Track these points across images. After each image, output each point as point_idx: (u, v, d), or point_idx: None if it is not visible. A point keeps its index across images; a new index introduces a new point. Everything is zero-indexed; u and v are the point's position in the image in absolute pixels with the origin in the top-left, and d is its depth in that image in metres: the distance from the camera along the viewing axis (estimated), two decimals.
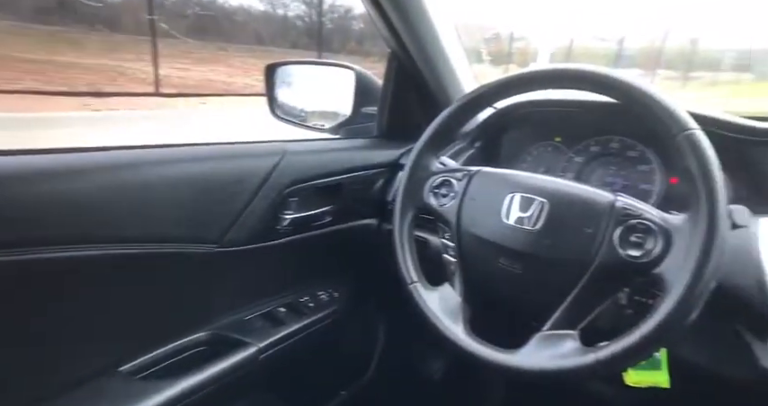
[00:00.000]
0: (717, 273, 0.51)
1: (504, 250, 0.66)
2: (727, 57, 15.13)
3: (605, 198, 0.61)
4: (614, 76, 0.61)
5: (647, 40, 15.44)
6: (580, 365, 0.54)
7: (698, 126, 0.55)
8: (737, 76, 14.70)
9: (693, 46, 14.24)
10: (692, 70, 14.33)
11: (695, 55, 14.51)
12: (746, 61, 15.47)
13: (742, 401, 0.72)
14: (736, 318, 0.65)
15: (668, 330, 0.51)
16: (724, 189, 0.52)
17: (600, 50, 15.19)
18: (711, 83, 13.88)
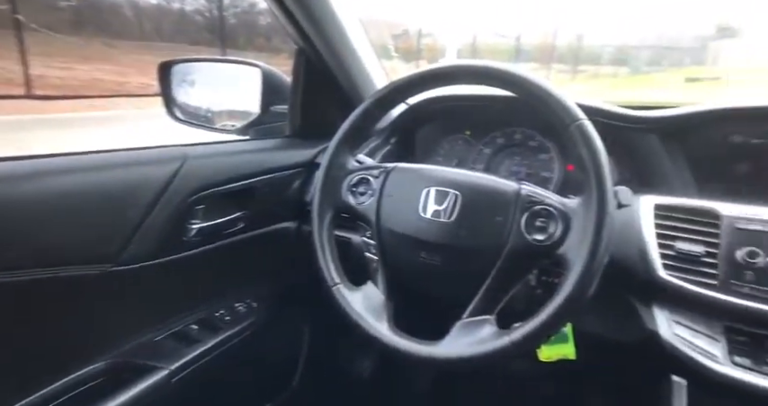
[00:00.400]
0: (609, 249, 0.56)
1: (424, 243, 0.67)
2: (606, 53, 17.00)
3: (511, 187, 0.65)
4: (513, 72, 0.64)
5: (540, 37, 16.78)
6: (497, 348, 0.57)
7: (586, 116, 0.60)
8: (616, 70, 16.60)
9: (579, 42, 15.76)
10: (579, 64, 15.85)
11: (581, 50, 16.07)
12: (623, 56, 17.51)
13: (634, 361, 0.80)
14: (625, 287, 0.72)
15: (573, 304, 0.55)
16: (610, 174, 0.57)
17: (501, 46, 16.22)
18: (594, 76, 15.52)
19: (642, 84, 14.29)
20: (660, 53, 20.30)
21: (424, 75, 0.71)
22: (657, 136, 0.85)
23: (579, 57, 15.90)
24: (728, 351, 0.64)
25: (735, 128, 0.82)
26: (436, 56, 11.37)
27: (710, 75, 14.84)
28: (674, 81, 14.44)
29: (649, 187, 0.83)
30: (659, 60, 19.96)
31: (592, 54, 16.82)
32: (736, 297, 0.62)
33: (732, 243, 0.64)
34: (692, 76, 14.68)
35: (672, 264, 0.67)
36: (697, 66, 20.70)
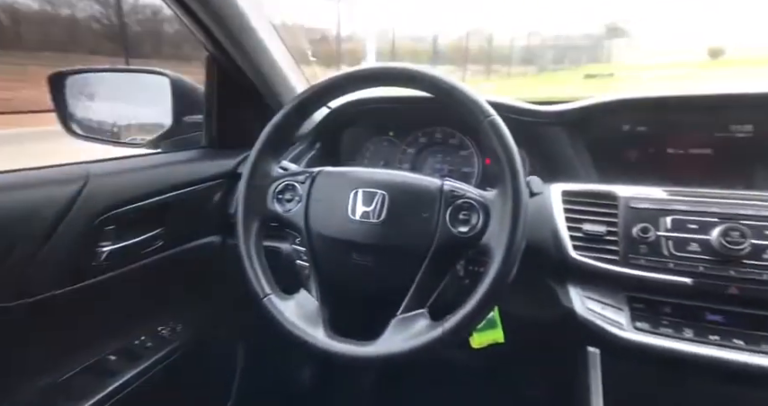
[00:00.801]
0: (525, 234, 0.60)
1: (355, 245, 0.67)
2: (514, 53, 18.22)
3: (435, 183, 0.67)
4: (429, 73, 0.66)
5: (455, 39, 17.58)
6: (431, 339, 0.59)
7: (496, 112, 0.63)
8: (525, 69, 17.86)
9: (489, 43, 16.75)
10: (492, 64, 16.83)
11: (492, 51, 17.08)
12: (530, 56, 18.88)
13: (555, 337, 0.86)
14: (543, 269, 0.78)
15: (497, 289, 0.58)
16: (522, 165, 0.61)
17: (419, 49, 16.77)
18: (507, 75, 16.58)
19: (548, 81, 15.51)
20: (561, 52, 22.18)
21: (344, 78, 0.71)
22: (562, 129, 0.92)
23: (491, 58, 16.87)
24: (631, 318, 0.71)
25: (624, 118, 0.92)
26: (357, 60, 11.47)
27: (605, 72, 16.52)
28: (575, 77, 15.86)
29: (557, 175, 0.90)
30: (562, 59, 21.81)
31: (502, 54, 17.94)
32: (634, 269, 0.70)
33: (628, 222, 0.72)
34: (590, 73, 16.25)
35: (580, 245, 0.74)
36: (594, 64, 22.92)
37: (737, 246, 0.64)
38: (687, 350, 0.67)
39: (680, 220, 0.69)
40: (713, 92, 0.85)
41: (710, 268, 0.66)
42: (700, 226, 0.67)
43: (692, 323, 0.68)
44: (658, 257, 0.69)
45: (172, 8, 0.87)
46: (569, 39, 23.24)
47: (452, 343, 0.59)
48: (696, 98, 0.86)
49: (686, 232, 0.68)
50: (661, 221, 0.70)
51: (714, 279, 0.65)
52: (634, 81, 13.51)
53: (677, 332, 0.68)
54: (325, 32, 13.39)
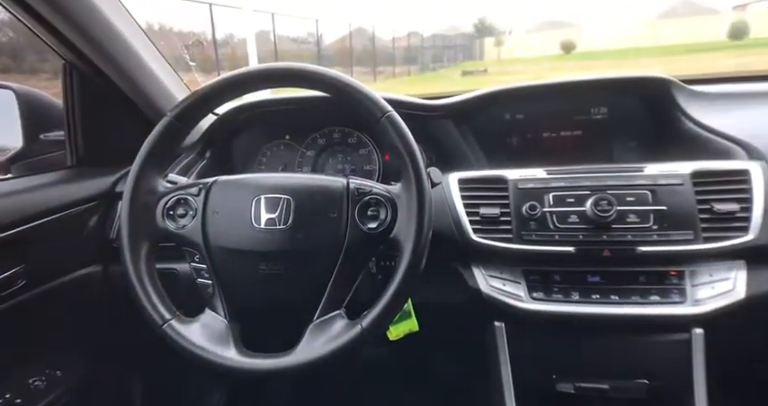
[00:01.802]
0: (431, 224, 0.62)
1: (263, 255, 0.64)
2: (397, 53, 18.93)
3: (339, 182, 0.66)
4: (322, 72, 0.65)
5: (337, 39, 17.68)
6: (351, 338, 0.58)
7: (392, 108, 0.64)
8: (408, 68, 18.67)
9: (373, 44, 17.16)
10: (377, 65, 17.28)
11: (376, 52, 17.53)
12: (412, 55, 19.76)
13: (465, 318, 0.91)
14: (448, 254, 0.82)
15: (410, 281, 0.59)
16: (421, 158, 0.63)
17: (303, 52, 16.56)
18: (392, 75, 17.17)
19: (430, 79, 16.43)
20: (440, 51, 23.62)
21: (228, 82, 0.67)
22: (450, 121, 0.98)
23: (376, 59, 17.32)
24: (528, 290, 0.78)
25: (504, 108, 1.00)
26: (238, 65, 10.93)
27: (480, 68, 18.01)
28: (454, 74, 17.04)
29: (451, 165, 0.95)
30: (440, 57, 23.22)
31: (386, 55, 18.52)
32: (526, 245, 0.76)
33: (518, 201, 0.78)
34: (467, 70, 17.60)
35: (479, 227, 0.79)
36: (469, 61, 24.84)
37: (606, 213, 0.73)
38: (575, 311, 0.75)
39: (560, 196, 0.77)
40: (571, 79, 0.97)
41: (587, 235, 0.74)
42: (576, 199, 0.76)
43: (578, 286, 0.76)
44: (546, 231, 0.76)
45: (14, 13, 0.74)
46: (446, 39, 24.85)
47: (373, 339, 0.60)
48: (557, 85, 0.97)
49: (566, 206, 0.76)
50: (545, 198, 0.77)
51: (591, 245, 0.74)
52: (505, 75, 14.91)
53: (566, 296, 0.76)
54: (199, 36, 12.56)
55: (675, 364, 0.76)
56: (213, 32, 11.20)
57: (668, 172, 0.75)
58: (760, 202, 0.71)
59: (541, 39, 28.44)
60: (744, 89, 0.96)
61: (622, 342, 0.78)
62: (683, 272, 0.74)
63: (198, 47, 13.92)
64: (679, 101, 0.88)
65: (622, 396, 0.78)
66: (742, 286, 0.72)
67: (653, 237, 0.72)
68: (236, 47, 13.27)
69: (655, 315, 0.73)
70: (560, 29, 36.55)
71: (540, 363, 0.81)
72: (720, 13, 32.37)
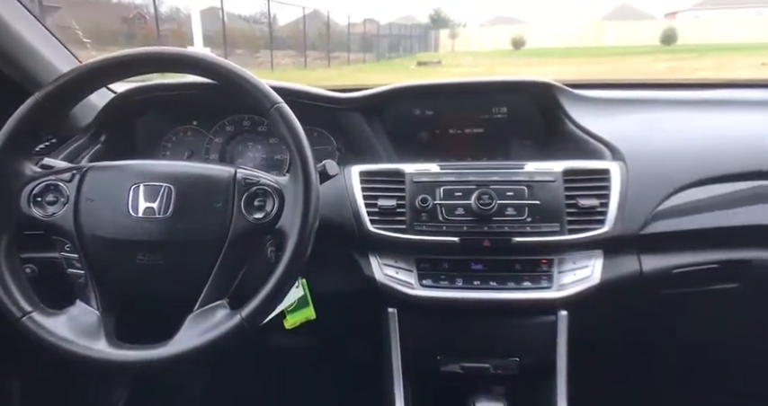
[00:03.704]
0: (318, 215, 0.64)
1: (140, 244, 0.63)
2: (352, 40, 18.68)
3: (226, 172, 0.67)
4: (209, 59, 0.65)
5: (292, 23, 17.14)
6: (230, 327, 0.59)
7: (282, 100, 0.65)
8: (364, 56, 18.49)
9: (328, 29, 16.79)
10: (332, 51, 16.96)
11: (331, 38, 17.19)
12: (368, 43, 19.57)
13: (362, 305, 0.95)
14: (348, 244, 0.85)
15: (293, 270, 0.62)
16: (310, 150, 0.65)
17: (255, 32, 15.93)
18: (347, 62, 16.95)
19: (385, 68, 16.39)
20: (396, 40, 23.54)
21: (110, 63, 0.64)
22: (360, 114, 1.00)
23: (331, 45, 17.00)
24: (418, 277, 0.83)
25: (415, 104, 1.04)
26: (183, 43, 10.30)
27: (435, 59, 18.17)
28: (409, 64, 17.09)
29: (361, 157, 0.98)
30: (397, 47, 23.16)
31: (341, 41, 18.22)
32: (418, 235, 0.81)
33: (413, 194, 0.82)
34: (422, 60, 17.70)
35: (376, 218, 0.82)
36: (425, 52, 24.98)
37: (487, 207, 0.79)
38: (459, 296, 0.81)
39: (449, 189, 0.82)
40: (472, 79, 1.02)
41: (471, 226, 0.80)
42: (463, 193, 0.81)
43: (462, 274, 0.82)
44: (435, 222, 0.81)
45: None
46: (402, 28, 24.80)
47: (255, 327, 0.61)
48: (463, 84, 1.02)
49: (454, 199, 0.81)
50: (436, 191, 0.82)
51: (473, 236, 0.80)
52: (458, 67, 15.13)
53: (452, 283, 0.82)
54: (141, 10, 11.74)
55: (543, 342, 0.84)
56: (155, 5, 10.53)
57: (543, 170, 0.82)
58: (615, 198, 0.79)
59: (493, 33, 29.09)
60: (622, 95, 1.05)
61: (500, 324, 0.86)
62: (552, 260, 0.82)
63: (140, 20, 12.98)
64: (563, 104, 0.95)
65: (500, 373, 0.85)
66: (598, 272, 0.81)
67: (526, 229, 0.79)
68: (182, 22, 12.54)
69: (527, 299, 0.80)
70: (511, 25, 37.53)
71: (427, 346, 0.87)
72: (655, 19, 34.61)
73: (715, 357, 1.11)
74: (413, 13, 41.92)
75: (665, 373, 1.14)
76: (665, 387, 1.16)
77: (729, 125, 0.95)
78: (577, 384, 0.84)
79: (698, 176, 0.82)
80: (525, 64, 14.92)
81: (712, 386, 1.13)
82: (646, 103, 1.03)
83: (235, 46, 14.14)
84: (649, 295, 0.87)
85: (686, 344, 1.09)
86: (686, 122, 0.97)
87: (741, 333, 1.05)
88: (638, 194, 0.80)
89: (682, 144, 0.89)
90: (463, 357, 0.86)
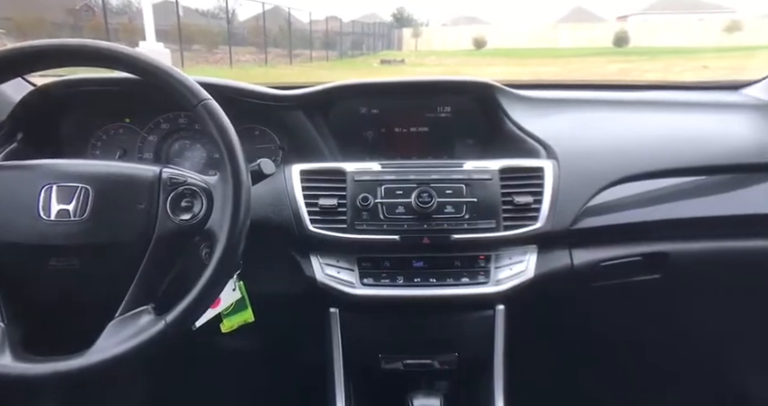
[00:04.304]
0: (249, 215, 0.62)
1: (53, 249, 0.60)
2: (315, 38, 18.48)
3: (150, 171, 0.64)
4: (129, 53, 0.61)
5: (252, 19, 16.74)
6: (154, 333, 0.57)
7: (209, 96, 0.63)
8: (326, 54, 18.33)
9: (289, 25, 16.51)
10: (294, 48, 16.70)
11: (293, 35, 16.92)
12: (331, 41, 19.41)
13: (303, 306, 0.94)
14: (288, 245, 0.84)
15: (222, 273, 0.60)
16: (241, 148, 0.63)
17: (214, 27, 15.48)
18: (309, 59, 16.75)
19: (348, 66, 16.33)
20: (359, 38, 23.48)
21: (15, 54, 0.60)
22: (303, 112, 0.98)
23: (293, 42, 16.74)
24: (360, 276, 0.83)
25: (361, 102, 1.03)
26: (134, 38, 9.82)
27: (398, 58, 18.27)
28: (372, 62, 17.10)
29: (305, 156, 0.96)
30: (360, 45, 23.11)
31: (302, 38, 17.98)
32: (359, 234, 0.80)
33: (354, 193, 0.82)
34: (386, 59, 17.75)
35: (317, 218, 0.81)
36: (388, 51, 25.06)
37: (427, 205, 0.79)
38: (400, 294, 0.82)
39: (390, 188, 0.82)
40: (419, 79, 1.03)
41: (411, 224, 0.80)
42: (403, 192, 0.81)
43: (403, 272, 0.83)
44: (376, 221, 0.81)
45: None
46: (365, 26, 24.76)
47: (181, 332, 0.59)
48: (406, 83, 1.02)
49: (394, 197, 0.81)
50: (378, 190, 0.82)
51: (413, 233, 0.80)
52: (421, 66, 15.26)
53: (393, 281, 0.82)
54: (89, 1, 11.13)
55: (482, 336, 0.86)
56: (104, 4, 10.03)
57: (481, 168, 0.84)
58: (548, 195, 0.81)
59: (456, 33, 29.56)
60: (560, 95, 1.08)
61: (440, 320, 0.87)
62: (490, 256, 0.83)
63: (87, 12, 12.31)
64: (502, 104, 0.97)
65: (441, 368, 0.86)
66: (532, 266, 0.83)
67: (464, 226, 0.80)
68: (134, 16, 12.00)
69: (465, 295, 0.82)
70: (472, 25, 38.27)
71: (369, 345, 0.87)
72: (608, 22, 36.18)
73: (642, 345, 1.17)
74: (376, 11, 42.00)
75: (598, 362, 1.20)
76: (598, 376, 1.22)
77: (656, 124, 1.00)
78: (515, 376, 0.86)
79: (624, 174, 0.86)
80: (486, 64, 15.24)
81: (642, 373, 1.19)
82: (581, 103, 1.07)
83: (191, 41, 13.71)
84: (579, 288, 0.90)
85: (615, 334, 1.14)
86: (616, 122, 1.01)
87: (664, 322, 1.11)
88: (569, 191, 0.83)
89: (610, 142, 0.93)
90: (405, 354, 0.87)
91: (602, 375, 1.22)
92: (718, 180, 0.94)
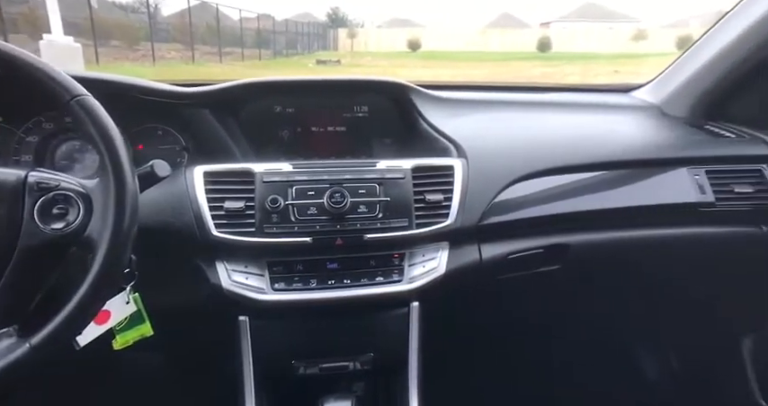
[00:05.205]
0: (135, 222, 0.57)
1: None
2: (247, 36, 17.86)
3: (13, 175, 0.56)
4: None
5: (177, 14, 15.82)
6: (11, 360, 0.50)
7: (86, 92, 0.57)
8: (259, 52, 17.78)
9: (218, 22, 15.79)
10: (225, 46, 16.02)
11: (223, 32, 16.22)
12: (264, 39, 18.85)
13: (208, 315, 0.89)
14: (190, 251, 0.79)
15: (102, 286, 0.54)
16: (125, 149, 0.57)
17: (134, 22, 14.46)
18: (241, 58, 16.15)
19: (283, 66, 15.99)
20: (294, 38, 23.05)
21: None
22: (209, 111, 0.93)
23: (223, 40, 16.06)
24: (270, 281, 0.79)
25: (275, 100, 0.99)
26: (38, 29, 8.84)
27: (334, 58, 18.16)
28: (307, 62, 16.87)
29: (214, 157, 0.91)
30: (294, 44, 22.69)
31: (233, 36, 17.30)
32: (268, 237, 0.77)
33: (262, 195, 0.78)
34: (322, 59, 17.58)
35: (222, 222, 0.77)
36: (324, 51, 24.86)
37: (340, 205, 0.78)
38: (313, 297, 0.79)
39: (301, 189, 0.80)
40: (334, 78, 1.01)
41: (324, 225, 0.78)
42: (315, 192, 0.79)
43: (317, 274, 0.80)
44: (287, 223, 0.78)
45: None
46: (299, 26, 24.35)
47: (50, 355, 0.53)
48: (318, 82, 1.00)
49: (306, 198, 0.79)
50: (288, 191, 0.79)
51: (326, 235, 0.79)
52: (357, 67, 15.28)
53: (306, 284, 0.80)
54: None
55: (398, 335, 0.86)
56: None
57: (394, 167, 0.84)
58: (458, 193, 0.83)
59: (390, 35, 29.97)
60: (472, 96, 1.12)
61: (355, 321, 0.86)
62: (404, 254, 0.83)
63: None
64: (416, 104, 0.98)
65: (358, 370, 0.85)
66: (444, 262, 0.84)
67: (377, 225, 0.80)
68: (37, 5, 10.85)
69: (380, 294, 0.81)
70: (407, 27, 39.01)
71: (281, 351, 0.84)
72: (532, 28, 38.50)
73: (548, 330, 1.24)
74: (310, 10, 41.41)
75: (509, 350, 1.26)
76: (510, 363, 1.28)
77: (557, 124, 1.06)
78: (431, 371, 0.87)
79: (527, 171, 0.90)
80: (421, 65, 15.59)
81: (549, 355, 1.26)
82: (491, 104, 1.11)
83: (109, 37, 12.73)
84: (487, 281, 0.94)
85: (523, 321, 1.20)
86: (522, 122, 1.06)
87: (566, 307, 1.18)
88: (477, 188, 0.85)
89: (516, 141, 0.97)
90: (320, 358, 0.85)
91: (514, 363, 1.28)
92: (612, 176, 1.01)
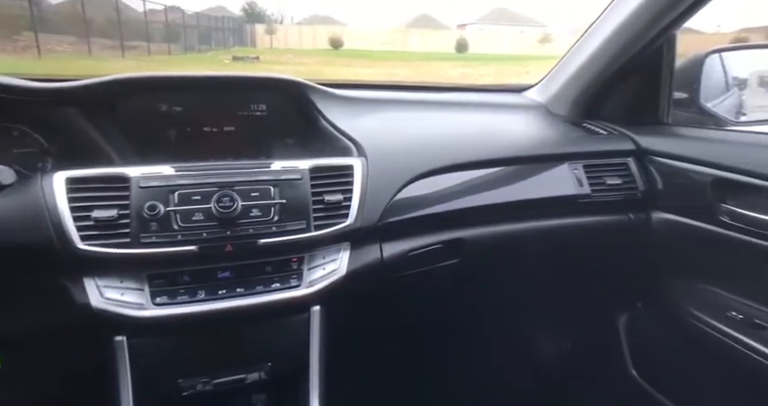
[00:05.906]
0: None
1: None
2: (154, 29, 16.54)
3: None
4: None
5: (68, 2, 14.15)
6: None
7: None
8: (168, 47, 16.56)
9: (117, 13, 14.39)
10: (129, 40, 14.66)
11: (126, 25, 14.84)
12: (173, 33, 17.58)
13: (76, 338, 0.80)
14: (49, 269, 0.69)
15: None
16: None
17: (15, 10, 12.71)
18: (147, 52, 14.93)
19: (196, 62, 15.08)
20: (207, 32, 21.79)
21: None
22: (77, 109, 0.83)
23: (127, 33, 14.69)
24: (150, 296, 0.72)
25: (159, 98, 0.91)
26: None
27: (252, 55, 17.43)
28: (223, 59, 16.04)
29: (85, 161, 0.81)
30: (208, 39, 21.45)
31: (138, 29, 15.92)
32: (146, 248, 0.70)
33: (139, 201, 0.71)
34: (238, 55, 16.77)
35: (90, 233, 0.68)
36: (240, 47, 23.81)
37: (229, 209, 0.73)
38: (201, 310, 0.74)
39: (185, 194, 0.74)
40: (223, 74, 0.94)
41: (212, 232, 0.73)
42: (202, 197, 0.74)
43: (205, 285, 0.75)
44: (168, 231, 0.71)
45: None
46: (212, 20, 23.08)
47: None
48: (205, 79, 0.93)
49: (191, 203, 0.73)
50: (170, 197, 0.73)
51: (215, 242, 0.73)
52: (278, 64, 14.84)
53: (192, 297, 0.74)
54: None
55: (298, 341, 0.84)
56: None
57: (290, 168, 0.80)
58: (357, 193, 0.82)
59: (311, 32, 29.49)
60: (374, 95, 1.12)
61: (250, 331, 0.82)
62: (303, 258, 0.81)
63: None
64: (316, 103, 0.96)
65: (256, 381, 0.81)
66: (345, 264, 0.83)
67: (272, 229, 0.76)
68: None
69: (276, 301, 0.78)
70: (327, 24, 38.62)
71: (166, 370, 0.78)
72: (450, 29, 40.09)
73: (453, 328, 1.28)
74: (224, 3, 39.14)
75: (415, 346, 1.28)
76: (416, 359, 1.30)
77: (454, 123, 1.10)
78: (334, 375, 0.85)
79: (425, 169, 0.91)
80: (344, 64, 15.53)
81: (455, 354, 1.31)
82: (392, 103, 1.11)
83: None
84: (390, 279, 0.94)
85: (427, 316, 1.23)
86: (421, 120, 1.08)
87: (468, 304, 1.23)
88: (376, 187, 0.85)
89: (414, 140, 0.98)
90: (213, 373, 0.79)
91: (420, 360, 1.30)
92: (503, 173, 1.06)
